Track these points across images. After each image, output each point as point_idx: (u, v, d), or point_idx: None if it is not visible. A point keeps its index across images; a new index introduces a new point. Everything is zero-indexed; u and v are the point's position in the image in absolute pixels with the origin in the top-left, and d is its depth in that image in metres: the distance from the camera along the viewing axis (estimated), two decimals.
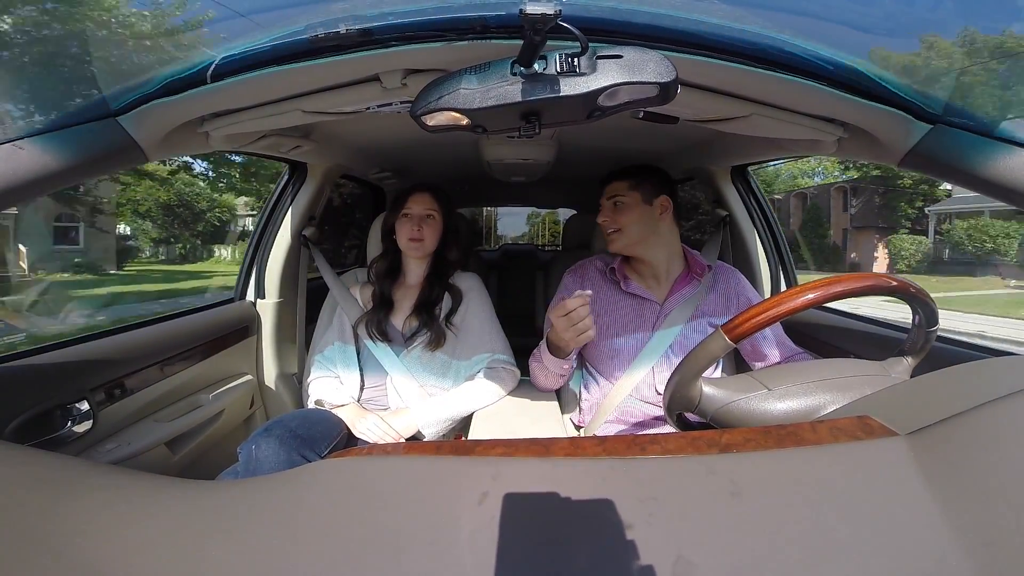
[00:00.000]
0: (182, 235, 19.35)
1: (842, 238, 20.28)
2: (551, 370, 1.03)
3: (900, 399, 0.52)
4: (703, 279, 1.15)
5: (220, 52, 0.69)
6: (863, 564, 0.32)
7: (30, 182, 0.65)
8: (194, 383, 1.27)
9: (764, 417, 0.65)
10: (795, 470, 0.41)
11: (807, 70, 0.70)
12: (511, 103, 0.57)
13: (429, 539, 0.37)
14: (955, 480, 0.36)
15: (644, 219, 1.12)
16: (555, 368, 1.02)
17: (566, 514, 0.38)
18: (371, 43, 0.65)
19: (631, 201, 1.12)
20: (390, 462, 0.49)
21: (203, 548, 0.37)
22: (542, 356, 1.03)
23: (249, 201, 19.31)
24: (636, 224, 1.12)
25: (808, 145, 0.99)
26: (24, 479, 0.45)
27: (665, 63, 0.56)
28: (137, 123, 0.75)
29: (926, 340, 0.71)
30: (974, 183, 0.70)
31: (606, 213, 1.15)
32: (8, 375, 0.84)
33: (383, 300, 1.24)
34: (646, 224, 1.12)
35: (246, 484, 0.48)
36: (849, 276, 0.67)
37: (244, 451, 0.93)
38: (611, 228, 1.14)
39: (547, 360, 1.02)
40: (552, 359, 1.00)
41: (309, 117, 0.85)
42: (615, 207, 1.14)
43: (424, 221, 1.22)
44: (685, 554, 0.33)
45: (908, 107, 0.72)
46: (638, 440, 0.49)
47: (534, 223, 13.50)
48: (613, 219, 1.13)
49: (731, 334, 0.66)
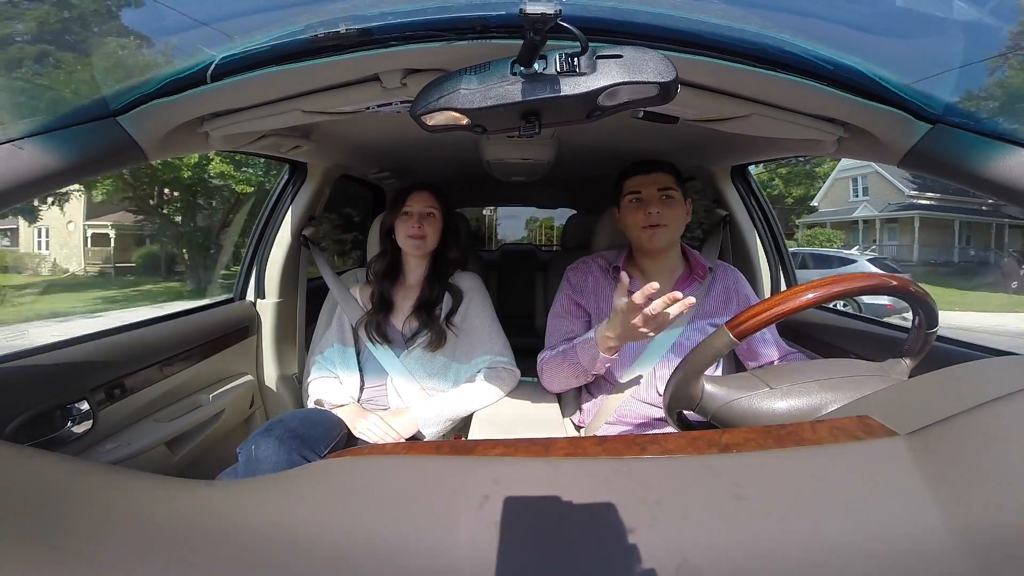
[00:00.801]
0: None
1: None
2: (588, 368, 0.98)
3: (900, 399, 0.52)
4: (704, 281, 1.15)
5: (220, 52, 0.69)
6: (863, 564, 0.32)
7: (30, 182, 0.65)
8: (194, 383, 1.27)
9: (766, 416, 0.65)
10: (796, 470, 0.41)
11: (807, 70, 0.70)
12: (511, 103, 0.57)
13: (429, 540, 0.37)
14: (955, 480, 0.36)
15: (683, 217, 1.10)
16: (595, 367, 0.97)
17: (568, 516, 0.37)
18: (371, 43, 0.65)
19: (678, 197, 1.09)
20: (390, 462, 0.49)
21: (203, 548, 0.37)
22: (578, 354, 0.97)
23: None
24: (680, 221, 1.08)
25: (808, 145, 0.99)
26: (24, 479, 0.45)
27: (665, 63, 0.56)
28: (137, 123, 0.75)
29: (925, 342, 0.71)
30: (974, 183, 0.70)
31: (656, 205, 1.06)
32: (8, 375, 0.84)
33: (383, 301, 1.24)
34: (683, 223, 1.10)
35: (246, 484, 0.48)
36: (852, 276, 0.67)
37: (244, 451, 0.93)
38: (660, 222, 1.06)
39: (587, 359, 0.96)
40: (596, 357, 0.95)
41: (309, 117, 0.85)
42: (664, 201, 1.07)
43: (425, 219, 1.22)
44: (688, 556, 0.33)
45: (908, 107, 0.72)
46: (638, 440, 0.48)
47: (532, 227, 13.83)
48: (663, 212, 1.06)
49: (735, 331, 0.66)
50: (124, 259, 16.86)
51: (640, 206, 1.09)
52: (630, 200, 1.11)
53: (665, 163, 1.12)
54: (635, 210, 1.09)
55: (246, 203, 12.39)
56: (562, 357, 1.03)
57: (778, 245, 1.57)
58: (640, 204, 1.09)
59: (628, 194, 1.12)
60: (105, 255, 17.19)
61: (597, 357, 0.95)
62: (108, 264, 17.00)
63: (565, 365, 1.03)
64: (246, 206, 12.49)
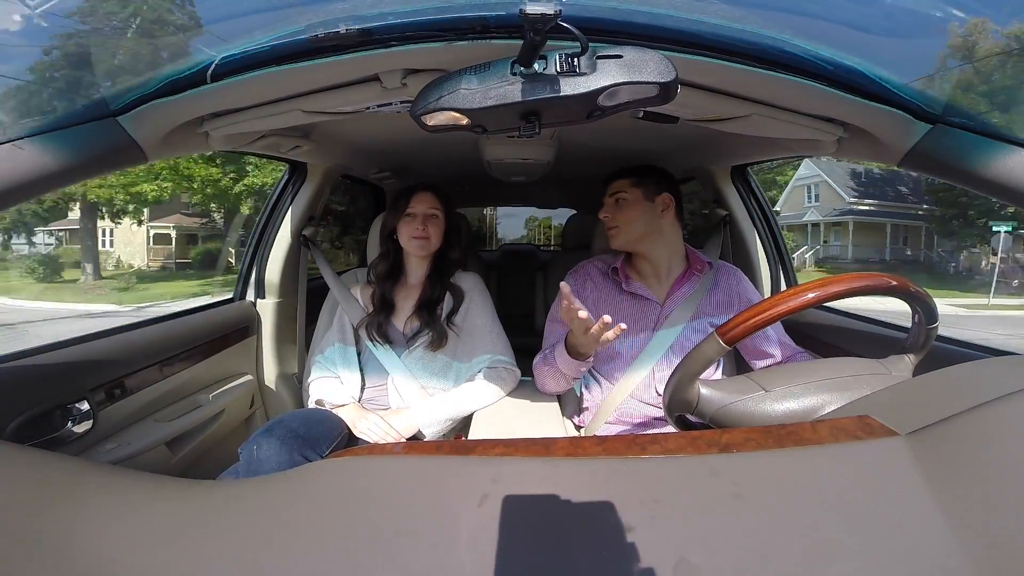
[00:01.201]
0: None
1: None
2: (566, 372, 1.01)
3: (900, 399, 0.52)
4: (703, 276, 1.15)
5: (220, 52, 0.69)
6: (863, 564, 0.32)
7: (30, 182, 0.65)
8: (194, 383, 1.27)
9: (762, 418, 0.65)
10: (795, 470, 0.41)
11: (807, 70, 0.70)
12: (511, 103, 0.57)
13: (429, 539, 0.37)
14: (955, 480, 0.36)
15: (645, 216, 1.12)
16: (571, 371, 1.01)
17: (567, 515, 0.38)
18: (371, 43, 0.65)
19: (632, 198, 1.13)
20: (390, 462, 0.49)
21: (203, 548, 0.37)
22: (555, 359, 1.02)
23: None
24: (637, 221, 1.12)
25: (808, 145, 0.99)
26: (24, 479, 0.45)
27: (665, 63, 0.56)
28: (137, 123, 0.75)
29: (927, 337, 0.71)
30: (974, 183, 0.70)
31: (608, 209, 1.17)
32: (8, 375, 0.84)
33: (384, 302, 1.24)
34: (647, 221, 1.13)
35: (246, 484, 0.48)
36: (846, 276, 0.66)
37: (245, 452, 0.93)
38: (612, 224, 1.15)
39: (562, 362, 1.00)
40: (569, 361, 0.98)
41: (309, 117, 0.85)
42: (616, 204, 1.15)
43: (429, 220, 1.22)
44: (687, 556, 0.33)
45: (908, 107, 0.72)
46: (638, 440, 0.49)
47: (531, 226, 14.11)
48: (614, 216, 1.15)
49: (725, 337, 0.66)
50: (183, 256, 19.27)
51: (604, 211, 1.19)
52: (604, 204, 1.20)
53: (628, 168, 1.18)
54: (603, 214, 1.19)
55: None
56: (546, 361, 1.06)
57: (778, 245, 1.57)
58: (603, 210, 1.19)
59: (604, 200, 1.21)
60: (167, 252, 19.53)
61: (570, 361, 0.99)
62: (170, 260, 19.29)
63: (548, 369, 1.06)
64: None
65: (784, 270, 1.57)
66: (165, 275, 17.53)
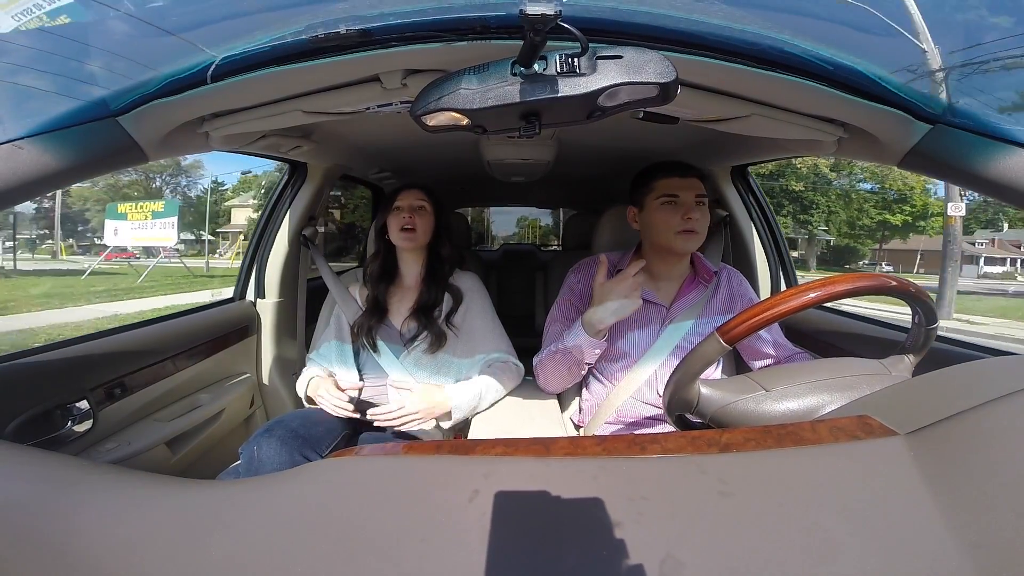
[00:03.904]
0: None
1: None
2: (580, 357, 1.00)
3: (900, 398, 0.52)
4: (709, 285, 1.14)
5: (220, 52, 0.69)
6: (861, 564, 0.32)
7: (30, 182, 0.65)
8: (194, 383, 1.27)
9: (762, 418, 0.65)
10: (794, 469, 0.41)
11: (807, 70, 0.70)
12: (511, 103, 0.57)
13: (427, 538, 0.37)
14: (955, 480, 0.36)
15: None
16: (587, 353, 0.99)
17: (555, 512, 0.38)
18: (371, 43, 0.65)
19: (707, 204, 1.09)
20: (390, 462, 0.49)
21: (203, 547, 0.37)
22: (568, 344, 0.99)
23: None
24: (707, 224, 1.09)
25: (808, 145, 0.99)
26: (24, 479, 0.45)
27: (665, 63, 0.56)
28: (137, 123, 0.75)
29: (927, 337, 0.71)
30: (974, 183, 0.70)
31: (694, 211, 1.06)
32: (8, 375, 0.84)
33: (376, 306, 1.23)
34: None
35: (246, 483, 0.48)
36: (847, 277, 0.66)
37: (246, 452, 0.93)
38: (697, 228, 1.06)
39: (578, 345, 0.98)
40: (588, 339, 0.97)
41: (309, 117, 0.85)
42: (699, 207, 1.07)
43: (415, 212, 1.22)
44: (674, 552, 0.33)
45: (908, 107, 0.72)
46: (638, 439, 0.49)
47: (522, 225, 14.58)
48: (700, 220, 1.06)
49: (726, 337, 0.66)
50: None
51: (676, 210, 1.06)
52: (664, 202, 1.07)
53: (696, 168, 1.11)
54: (669, 213, 1.06)
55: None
56: (554, 351, 1.04)
57: (778, 245, 1.57)
58: (675, 208, 1.06)
59: (662, 195, 1.08)
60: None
61: (586, 343, 0.97)
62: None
63: (558, 357, 1.04)
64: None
65: (784, 270, 1.57)
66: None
